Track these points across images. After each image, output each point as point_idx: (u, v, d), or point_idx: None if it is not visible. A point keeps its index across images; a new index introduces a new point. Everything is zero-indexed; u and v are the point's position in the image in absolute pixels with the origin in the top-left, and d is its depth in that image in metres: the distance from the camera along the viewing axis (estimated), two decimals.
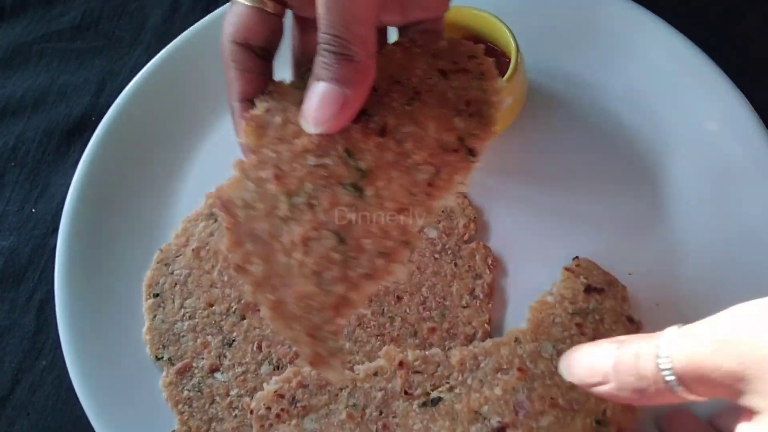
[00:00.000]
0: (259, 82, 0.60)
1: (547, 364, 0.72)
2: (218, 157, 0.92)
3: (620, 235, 0.82)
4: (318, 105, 0.54)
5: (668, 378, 0.53)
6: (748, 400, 0.51)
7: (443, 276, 0.80)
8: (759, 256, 0.77)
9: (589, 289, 0.77)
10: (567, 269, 0.79)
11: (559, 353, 0.72)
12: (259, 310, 0.80)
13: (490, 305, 0.79)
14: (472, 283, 0.80)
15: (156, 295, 0.82)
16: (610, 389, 0.57)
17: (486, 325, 0.78)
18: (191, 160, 0.92)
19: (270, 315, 0.54)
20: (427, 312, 0.78)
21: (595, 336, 0.73)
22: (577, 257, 0.79)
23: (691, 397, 0.54)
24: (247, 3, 0.58)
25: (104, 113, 0.92)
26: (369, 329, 0.78)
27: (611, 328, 0.74)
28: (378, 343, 0.77)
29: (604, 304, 0.76)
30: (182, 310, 0.81)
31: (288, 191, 0.56)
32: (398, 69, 0.63)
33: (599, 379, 0.57)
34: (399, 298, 0.79)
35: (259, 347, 0.78)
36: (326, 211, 0.55)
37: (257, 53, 0.59)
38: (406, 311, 0.79)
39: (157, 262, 0.84)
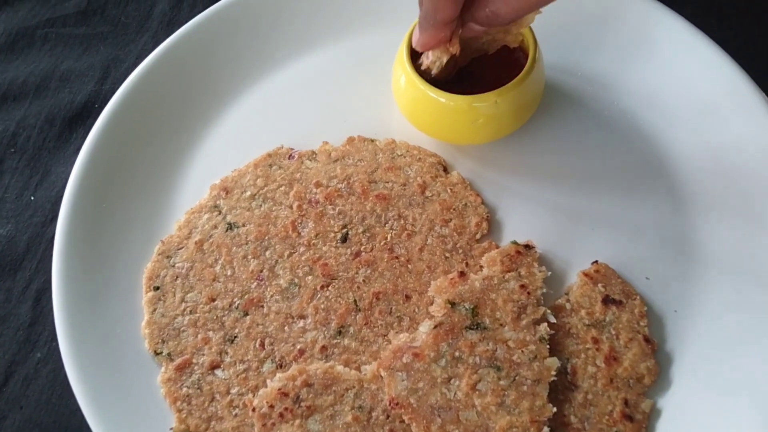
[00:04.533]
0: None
1: (562, 378, 0.71)
2: (223, 148, 0.90)
3: (637, 239, 0.79)
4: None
5: None
6: None
7: None
8: None
9: (606, 300, 0.74)
10: (585, 274, 0.76)
11: (573, 369, 0.70)
12: (262, 306, 0.78)
13: None
14: None
15: (156, 288, 0.79)
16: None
17: None
18: (195, 150, 0.90)
19: None
20: None
21: (611, 352, 0.71)
22: (596, 261, 0.77)
23: None
24: None
25: (108, 100, 0.90)
26: (376, 328, 0.75)
27: (626, 346, 0.72)
28: (385, 342, 0.74)
29: (622, 318, 0.73)
30: (183, 304, 0.78)
31: (433, 359, 0.69)
32: None
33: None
34: (407, 297, 0.77)
35: (262, 344, 0.76)
36: (470, 356, 0.69)
37: None
38: (414, 311, 0.76)
39: (159, 254, 0.82)
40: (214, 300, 0.78)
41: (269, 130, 0.90)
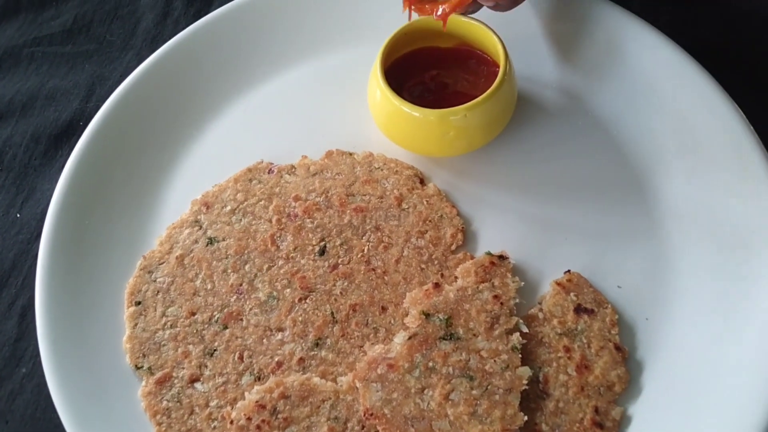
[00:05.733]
0: None
1: (533, 387, 0.72)
2: (204, 163, 0.91)
3: (610, 248, 0.80)
4: None
5: None
6: None
7: None
8: (749, 269, 0.76)
9: (578, 309, 0.75)
10: (557, 283, 0.77)
11: (545, 378, 0.72)
12: (241, 319, 0.79)
13: None
14: None
15: (138, 303, 0.81)
16: None
17: None
18: (178, 166, 0.91)
19: None
20: None
21: (582, 361, 0.72)
22: (568, 271, 0.78)
23: None
24: None
25: (93, 118, 0.91)
26: (353, 340, 0.77)
27: (597, 354, 0.73)
28: (361, 354, 0.76)
29: (593, 327, 0.74)
30: (164, 319, 0.80)
31: (407, 370, 0.70)
32: None
33: None
34: (384, 309, 0.78)
35: (241, 357, 0.77)
36: (443, 366, 0.70)
37: None
38: (390, 322, 0.77)
39: (140, 269, 0.83)
40: (194, 314, 0.80)
41: (249, 145, 0.91)
